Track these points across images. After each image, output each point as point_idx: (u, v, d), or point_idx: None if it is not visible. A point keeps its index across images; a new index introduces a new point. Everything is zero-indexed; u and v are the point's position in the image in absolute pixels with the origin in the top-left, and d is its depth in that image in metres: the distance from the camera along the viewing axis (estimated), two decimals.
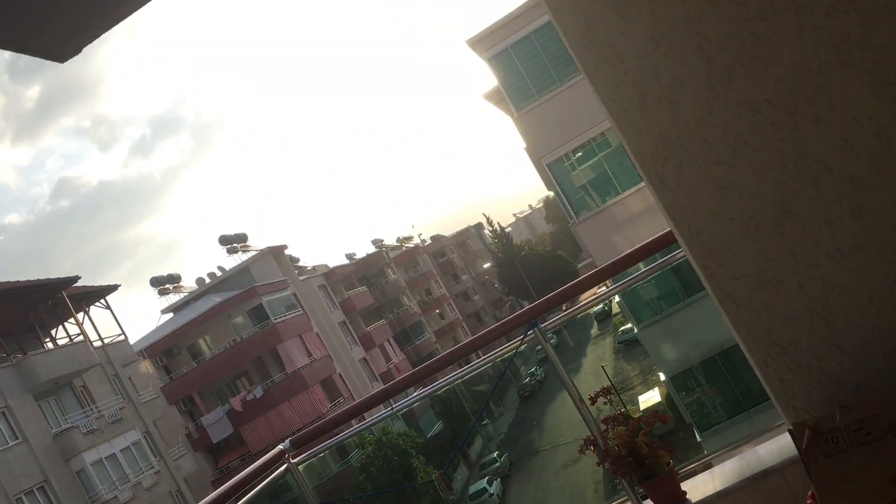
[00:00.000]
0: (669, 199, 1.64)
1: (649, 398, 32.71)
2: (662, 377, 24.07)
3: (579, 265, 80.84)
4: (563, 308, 3.92)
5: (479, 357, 3.91)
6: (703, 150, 1.60)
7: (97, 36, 2.34)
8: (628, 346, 49.87)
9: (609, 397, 2.96)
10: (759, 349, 1.70)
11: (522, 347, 3.51)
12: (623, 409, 2.99)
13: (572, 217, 22.02)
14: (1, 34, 2.12)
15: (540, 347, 3.36)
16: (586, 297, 4.05)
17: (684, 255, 2.22)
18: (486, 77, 23.21)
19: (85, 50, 2.38)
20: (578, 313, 3.90)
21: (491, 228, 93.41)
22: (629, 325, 43.92)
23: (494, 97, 24.11)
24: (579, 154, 21.71)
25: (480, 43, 21.62)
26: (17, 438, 28.58)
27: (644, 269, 3.73)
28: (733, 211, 1.62)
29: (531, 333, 3.23)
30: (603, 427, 2.97)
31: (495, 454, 44.84)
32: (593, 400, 3.00)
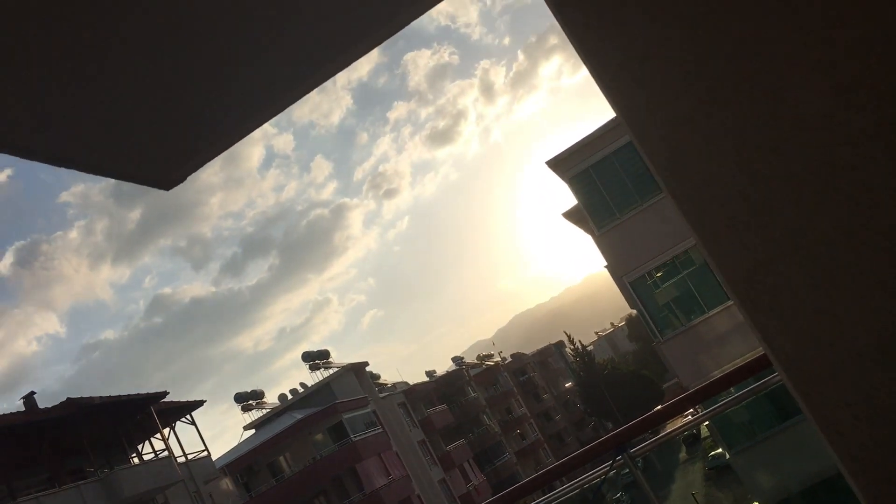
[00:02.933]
0: (763, 323, 1.61)
1: None
2: None
3: (665, 385, 78.34)
4: (649, 432, 3.80)
5: (563, 482, 3.79)
6: (798, 274, 1.57)
7: (201, 165, 2.48)
8: (719, 473, 47.39)
9: None
10: (869, 485, 1.60)
11: (612, 474, 3.40)
12: None
13: (656, 336, 21.54)
14: (111, 164, 2.27)
15: (626, 471, 3.25)
16: (675, 420, 3.92)
17: (780, 380, 2.14)
18: (567, 196, 23.52)
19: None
20: (668, 438, 3.77)
21: (572, 347, 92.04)
22: (720, 450, 41.89)
23: (575, 216, 24.30)
24: (661, 273, 21.46)
25: (561, 164, 22.02)
26: None
27: (737, 394, 3.62)
28: (833, 336, 1.57)
29: (620, 459, 3.13)
30: None
31: None
32: None
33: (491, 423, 73.93)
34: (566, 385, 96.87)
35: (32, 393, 32.97)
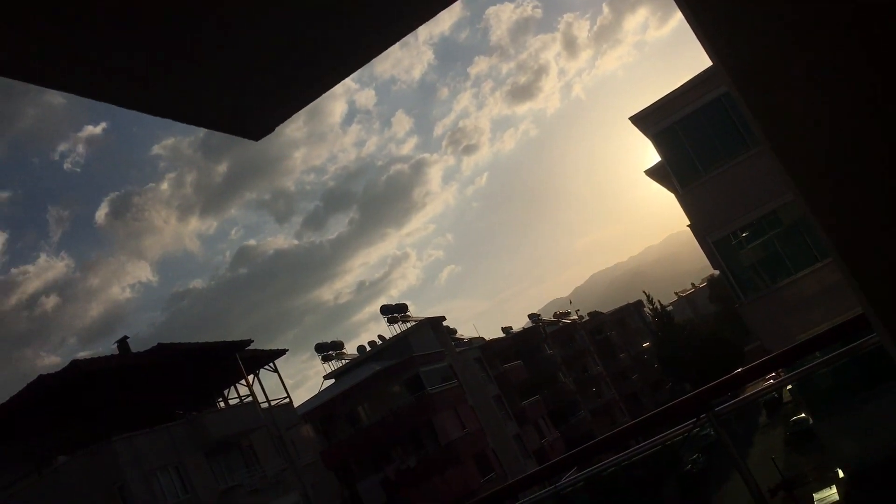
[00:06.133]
0: (867, 282, 1.54)
1: (825, 495, 30.08)
2: (841, 474, 22.09)
3: (746, 348, 76.58)
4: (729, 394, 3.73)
5: (637, 441, 3.76)
6: None
7: (289, 116, 2.52)
8: (801, 438, 46.30)
9: (793, 491, 2.76)
10: None
11: (695, 432, 3.36)
12: None
13: (739, 298, 21.01)
14: (206, 115, 2.33)
15: (704, 433, 3.21)
16: (757, 383, 3.85)
17: (873, 344, 2.06)
18: (650, 153, 22.96)
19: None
20: (750, 400, 3.69)
21: (651, 307, 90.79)
22: (802, 416, 40.90)
23: (658, 173, 23.75)
24: (747, 233, 20.83)
25: (645, 119, 21.47)
26: (187, 493, 30.11)
27: (823, 358, 3.51)
28: None
29: (703, 418, 3.09)
30: None
31: None
32: (773, 493, 2.80)
33: (566, 380, 73.94)
34: (644, 345, 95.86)
35: (126, 338, 34.58)
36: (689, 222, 22.52)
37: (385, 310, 57.76)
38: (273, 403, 38.86)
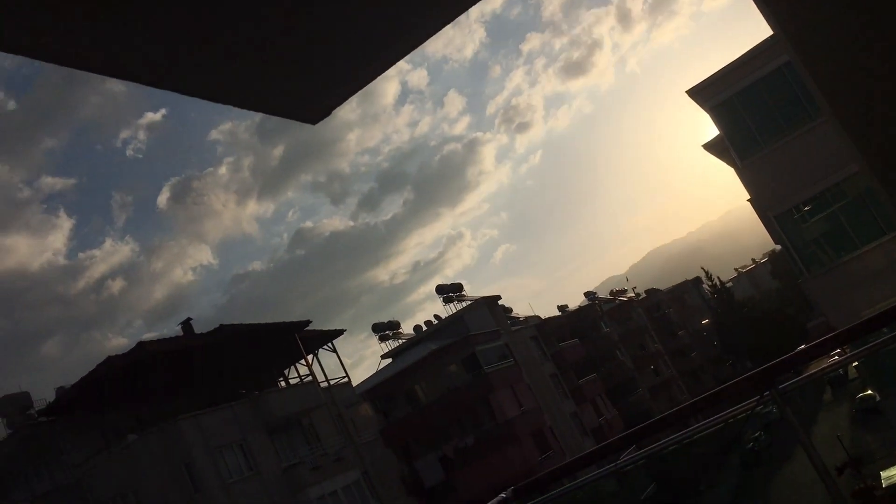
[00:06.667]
0: None
1: (893, 473, 29.32)
2: None
3: (809, 324, 74.75)
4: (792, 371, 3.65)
5: (697, 420, 3.72)
6: None
7: (347, 98, 2.54)
8: (867, 416, 45.14)
9: (860, 469, 2.71)
10: None
11: (759, 409, 3.31)
12: (868, 484, 2.71)
13: (802, 273, 20.52)
14: (264, 100, 2.37)
15: (766, 410, 3.16)
16: (821, 360, 3.76)
17: None
18: (708, 127, 22.47)
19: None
20: (818, 376, 3.62)
21: (710, 283, 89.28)
22: (869, 393, 39.84)
23: (716, 147, 23.24)
24: (810, 206, 20.28)
25: (702, 92, 20.99)
26: (251, 470, 30.85)
27: (892, 334, 3.41)
28: None
29: (768, 395, 3.04)
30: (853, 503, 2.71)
31: None
32: (840, 471, 2.75)
33: (624, 358, 73.35)
34: (703, 322, 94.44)
35: (189, 319, 35.47)
36: (749, 197, 22.03)
37: (440, 289, 58.01)
38: (332, 383, 39.47)
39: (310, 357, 38.10)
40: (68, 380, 31.87)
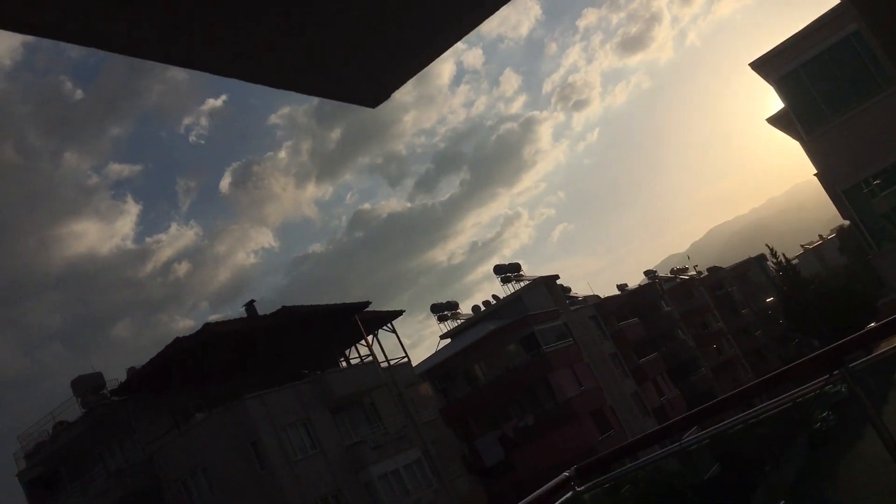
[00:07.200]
0: None
1: None
2: None
3: (880, 301, 72.41)
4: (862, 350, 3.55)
5: (762, 399, 3.65)
6: None
7: (407, 80, 2.55)
8: None
9: None
10: None
11: (828, 388, 3.24)
12: None
13: (872, 249, 19.88)
14: (323, 85, 2.39)
15: (835, 390, 3.09)
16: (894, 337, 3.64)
17: None
18: (772, 100, 21.84)
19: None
20: (890, 354, 3.51)
21: (775, 260, 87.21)
22: None
23: (781, 121, 22.61)
24: (880, 180, 19.59)
25: (766, 65, 20.39)
26: (315, 448, 31.44)
27: None
28: None
29: (836, 374, 2.97)
30: None
31: (781, 503, 41.38)
32: None
33: (685, 337, 72.32)
34: (767, 300, 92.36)
35: (252, 301, 36.24)
36: (815, 171, 21.40)
37: (498, 269, 58.01)
38: (392, 363, 39.89)
39: (370, 338, 38.54)
40: (138, 360, 32.91)
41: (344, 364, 40.90)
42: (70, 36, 1.58)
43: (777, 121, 22.84)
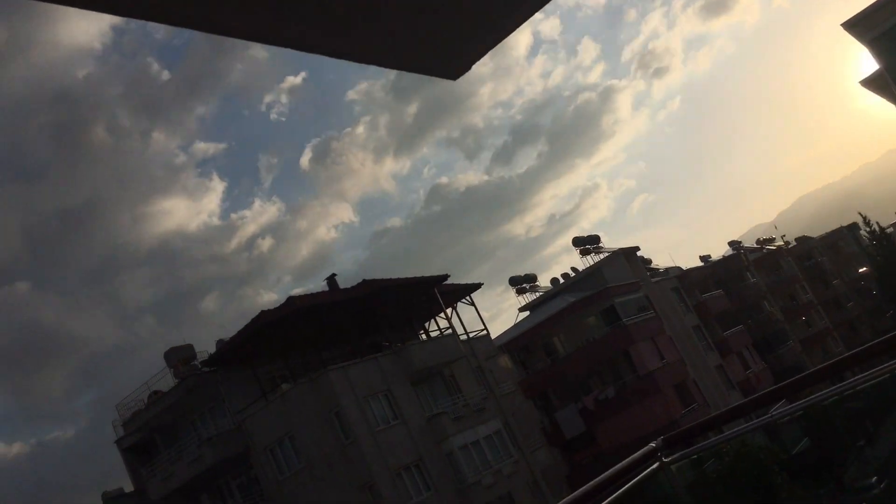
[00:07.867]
0: None
1: None
2: None
3: None
4: None
5: (854, 373, 3.53)
6: None
7: (489, 50, 2.54)
8: None
9: None
10: None
11: None
12: None
13: None
14: (404, 58, 2.40)
15: None
16: None
17: None
18: (866, 62, 20.81)
19: None
20: None
21: (868, 229, 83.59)
22: None
23: (875, 83, 21.53)
24: None
25: (861, 24, 19.40)
26: (397, 419, 32.02)
27: None
28: None
29: None
30: None
31: (873, 479, 39.96)
32: None
33: (772, 309, 70.28)
34: (860, 270, 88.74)
35: (334, 275, 36.93)
36: None
37: (577, 241, 57.44)
38: (471, 335, 40.12)
39: (449, 310, 38.80)
40: (226, 333, 34.01)
41: (424, 337, 41.34)
42: (166, 17, 1.63)
43: (872, 83, 21.75)
